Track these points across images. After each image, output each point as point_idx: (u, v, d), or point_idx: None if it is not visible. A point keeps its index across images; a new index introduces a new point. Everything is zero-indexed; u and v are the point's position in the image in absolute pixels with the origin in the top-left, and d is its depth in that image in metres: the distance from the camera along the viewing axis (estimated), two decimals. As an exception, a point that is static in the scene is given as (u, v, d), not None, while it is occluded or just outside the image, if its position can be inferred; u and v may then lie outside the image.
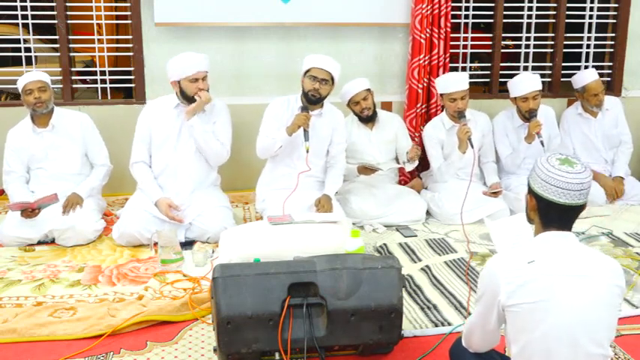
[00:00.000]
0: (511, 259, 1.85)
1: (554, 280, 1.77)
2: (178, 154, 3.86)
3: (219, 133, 3.90)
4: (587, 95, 4.63)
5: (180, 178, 3.86)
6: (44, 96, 3.86)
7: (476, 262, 3.53)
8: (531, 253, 1.83)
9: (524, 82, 4.31)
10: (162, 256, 3.38)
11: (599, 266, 1.81)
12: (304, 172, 3.84)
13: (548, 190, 1.82)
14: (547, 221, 1.87)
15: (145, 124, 3.89)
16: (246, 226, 3.61)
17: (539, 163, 1.87)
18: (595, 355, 1.78)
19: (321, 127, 3.91)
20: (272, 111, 3.96)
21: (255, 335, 2.32)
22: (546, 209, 1.85)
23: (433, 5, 4.60)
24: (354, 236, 2.87)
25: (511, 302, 1.79)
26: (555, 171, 1.81)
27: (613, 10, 5.19)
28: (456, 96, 4.17)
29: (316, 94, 3.79)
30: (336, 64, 3.81)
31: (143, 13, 4.60)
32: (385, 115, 4.40)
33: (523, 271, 1.79)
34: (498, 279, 1.81)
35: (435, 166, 4.37)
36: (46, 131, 3.94)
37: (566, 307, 1.75)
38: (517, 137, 4.45)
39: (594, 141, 4.73)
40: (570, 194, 1.80)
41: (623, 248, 3.72)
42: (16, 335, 2.70)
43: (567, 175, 1.80)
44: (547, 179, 1.82)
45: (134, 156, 3.89)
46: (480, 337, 2.00)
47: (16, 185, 3.90)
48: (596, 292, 1.77)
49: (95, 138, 4.07)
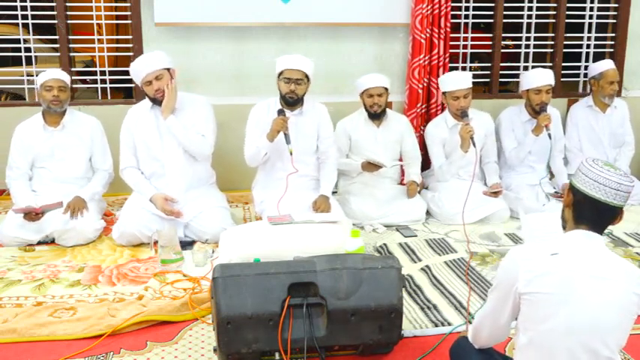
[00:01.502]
0: (534, 250, 1.87)
1: (575, 276, 1.77)
2: (165, 154, 3.86)
3: (200, 127, 3.88)
4: (604, 82, 4.63)
5: (171, 177, 3.86)
6: (62, 96, 3.88)
7: (476, 262, 3.53)
8: (556, 247, 1.85)
9: (540, 75, 4.35)
10: (163, 256, 3.38)
11: (621, 272, 1.81)
12: (293, 174, 3.82)
13: (586, 183, 1.84)
14: (579, 217, 1.88)
15: (127, 131, 3.90)
16: (246, 226, 3.61)
17: (585, 162, 1.90)
18: (603, 357, 1.78)
19: (304, 124, 3.90)
20: (253, 117, 3.96)
21: (255, 335, 2.32)
22: (580, 203, 1.86)
23: (433, 5, 4.61)
24: (354, 236, 2.87)
25: (528, 290, 1.80)
26: (598, 168, 1.84)
27: (613, 10, 5.20)
28: (459, 94, 4.17)
29: (293, 95, 3.80)
30: (308, 61, 3.80)
31: (143, 13, 4.60)
32: (393, 115, 4.38)
33: (545, 261, 1.81)
34: (518, 266, 1.82)
35: (437, 165, 4.37)
36: (56, 130, 3.94)
37: (582, 305, 1.76)
38: (524, 131, 4.46)
39: (600, 136, 4.73)
40: (606, 190, 1.82)
41: (623, 248, 3.72)
42: (16, 335, 2.70)
43: (608, 172, 1.83)
44: (588, 173, 1.85)
45: (122, 162, 3.91)
46: (489, 331, 2.00)
47: (19, 182, 3.90)
48: (613, 296, 1.77)
49: (102, 143, 4.07)
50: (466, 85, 4.19)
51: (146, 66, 3.72)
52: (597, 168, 1.84)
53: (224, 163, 4.50)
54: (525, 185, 4.37)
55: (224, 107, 4.55)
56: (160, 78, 3.73)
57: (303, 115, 3.92)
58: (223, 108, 4.51)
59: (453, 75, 4.36)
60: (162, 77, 3.73)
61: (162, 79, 3.73)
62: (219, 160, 4.26)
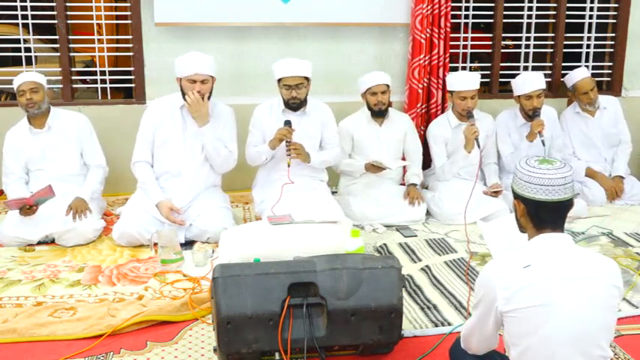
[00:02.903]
0: (506, 265, 1.84)
1: (551, 283, 1.76)
2: (184, 157, 3.82)
3: (226, 139, 3.86)
4: (578, 94, 4.64)
5: (185, 180, 3.83)
6: (36, 97, 3.83)
7: (476, 262, 3.53)
8: (527, 258, 1.82)
9: (529, 81, 4.33)
10: (163, 256, 3.38)
11: (596, 267, 1.80)
12: (287, 184, 3.79)
13: (533, 190, 1.82)
14: (539, 223, 1.86)
15: (149, 123, 3.83)
16: (246, 226, 3.61)
17: (520, 167, 1.87)
18: (595, 356, 1.78)
19: (307, 124, 3.90)
20: (257, 118, 3.96)
21: (255, 335, 2.32)
22: (536, 210, 1.84)
23: (433, 5, 4.61)
24: (354, 236, 2.87)
25: (509, 308, 1.78)
26: (536, 170, 1.82)
27: (613, 10, 5.19)
28: (467, 95, 4.16)
29: (296, 100, 3.81)
30: (305, 64, 3.79)
31: (143, 13, 4.60)
32: (396, 113, 4.38)
33: (519, 276, 1.78)
34: (495, 285, 1.80)
35: (438, 165, 4.36)
36: (43, 132, 3.92)
37: (565, 310, 1.74)
38: (519, 136, 4.46)
39: (593, 139, 4.73)
40: (555, 190, 1.80)
41: (623, 248, 3.72)
42: (16, 335, 2.70)
43: (548, 172, 1.81)
44: (530, 180, 1.83)
45: (136, 155, 3.85)
46: (478, 341, 2.01)
47: (15, 187, 3.89)
48: (594, 294, 1.77)
49: (90, 139, 4.03)
50: (475, 87, 4.18)
51: (199, 66, 3.66)
52: (537, 170, 1.81)
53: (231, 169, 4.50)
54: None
55: (224, 107, 4.55)
56: (205, 83, 3.69)
57: (307, 115, 3.92)
58: (223, 108, 4.51)
59: (462, 75, 4.33)
60: (207, 82, 3.70)
61: (206, 84, 3.69)
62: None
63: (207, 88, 3.71)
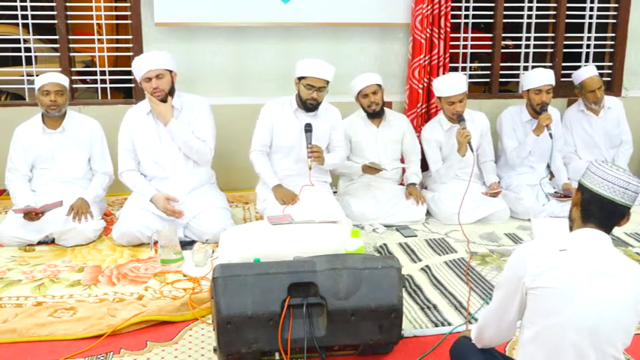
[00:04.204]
0: (542, 245, 1.88)
1: (582, 272, 1.78)
2: (165, 158, 3.84)
3: (199, 131, 3.86)
4: (584, 92, 4.64)
5: (173, 181, 3.84)
6: (60, 100, 3.84)
7: (476, 262, 3.53)
8: (564, 243, 1.86)
9: (541, 75, 4.35)
10: (163, 256, 3.38)
11: (629, 270, 1.82)
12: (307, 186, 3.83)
13: (595, 181, 1.87)
14: (587, 216, 1.89)
15: (125, 132, 3.87)
16: (246, 226, 3.61)
17: (594, 162, 1.92)
18: (608, 355, 1.78)
19: (317, 126, 3.90)
20: (266, 116, 3.95)
21: (255, 335, 2.32)
22: (588, 202, 1.88)
23: (433, 5, 4.61)
24: (354, 236, 2.87)
25: (535, 284, 1.81)
26: (607, 168, 1.87)
27: (613, 10, 5.19)
28: (454, 99, 4.11)
29: (314, 102, 3.81)
30: (331, 69, 3.80)
31: (143, 13, 4.60)
32: (393, 114, 4.37)
33: (552, 256, 1.82)
34: (527, 261, 1.83)
35: (434, 169, 4.36)
36: (56, 133, 3.92)
37: (588, 301, 1.76)
38: (524, 132, 4.47)
39: (596, 139, 4.73)
40: (614, 189, 1.84)
41: (623, 248, 3.72)
42: (16, 335, 2.70)
43: (617, 172, 1.86)
44: (597, 172, 1.88)
45: (121, 165, 3.88)
46: (494, 330, 2.00)
47: (18, 183, 3.89)
48: (620, 294, 1.78)
49: (101, 145, 4.04)
50: (461, 90, 4.11)
51: (150, 62, 3.70)
52: (606, 167, 1.87)
53: (224, 163, 4.50)
54: (525, 185, 4.37)
55: (224, 107, 4.55)
56: (161, 77, 3.71)
57: (318, 118, 3.93)
58: (223, 108, 4.51)
59: (446, 79, 4.25)
60: (162, 77, 3.71)
61: (162, 78, 3.71)
62: (218, 161, 4.25)
63: (164, 83, 3.72)
